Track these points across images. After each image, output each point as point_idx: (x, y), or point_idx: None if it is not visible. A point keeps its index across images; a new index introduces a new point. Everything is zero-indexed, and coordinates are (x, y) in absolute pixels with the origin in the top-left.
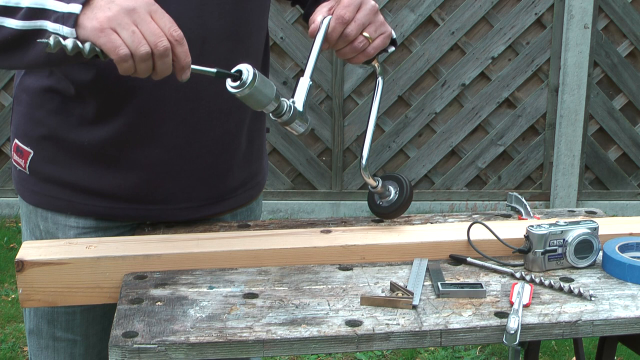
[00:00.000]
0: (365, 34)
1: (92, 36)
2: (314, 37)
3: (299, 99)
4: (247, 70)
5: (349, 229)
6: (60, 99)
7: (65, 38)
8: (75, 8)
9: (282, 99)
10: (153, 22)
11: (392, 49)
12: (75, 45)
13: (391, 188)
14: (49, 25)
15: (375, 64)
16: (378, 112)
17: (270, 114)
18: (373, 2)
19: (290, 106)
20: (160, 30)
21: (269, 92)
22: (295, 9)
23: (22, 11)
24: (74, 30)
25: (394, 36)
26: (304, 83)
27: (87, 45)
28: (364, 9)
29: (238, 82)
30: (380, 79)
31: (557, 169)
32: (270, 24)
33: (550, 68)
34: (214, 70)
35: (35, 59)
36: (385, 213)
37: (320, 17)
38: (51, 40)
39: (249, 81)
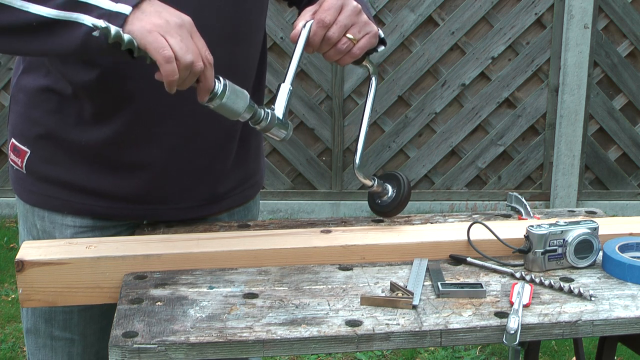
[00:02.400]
0: (349, 35)
1: (140, 35)
2: (295, 42)
3: (279, 106)
4: (217, 82)
5: (349, 229)
6: (57, 99)
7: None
8: (125, 9)
9: (261, 107)
10: (193, 41)
11: (382, 47)
12: (117, 34)
13: (388, 186)
14: (86, 19)
15: (367, 64)
16: (371, 112)
17: (249, 122)
18: (355, 3)
19: (268, 113)
20: (198, 51)
21: (241, 103)
22: (295, 9)
23: (58, 0)
24: (120, 30)
25: (382, 35)
26: (285, 89)
27: (127, 37)
28: (346, 11)
29: (209, 94)
30: (373, 79)
31: (557, 169)
32: (270, 24)
33: (550, 68)
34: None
35: (57, 48)
36: (384, 211)
37: (302, 23)
38: (100, 25)
39: (219, 92)
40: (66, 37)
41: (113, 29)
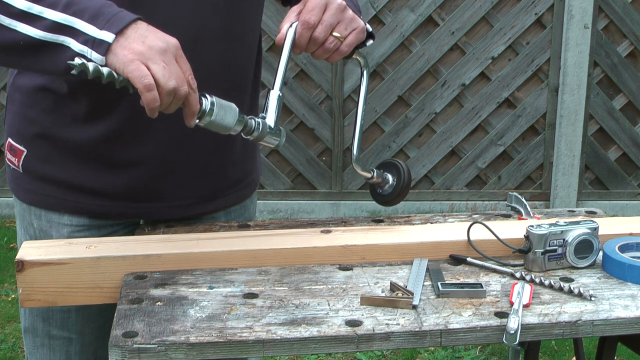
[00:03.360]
0: (335, 33)
1: (121, 64)
2: (281, 45)
3: (270, 114)
4: (204, 99)
5: (349, 229)
6: (53, 98)
7: (89, 60)
8: (109, 37)
9: (251, 117)
10: (177, 65)
11: (371, 42)
12: (96, 69)
13: (388, 175)
14: (73, 44)
15: (357, 57)
16: (365, 104)
17: (241, 134)
18: (340, 0)
19: (259, 123)
20: (183, 75)
21: (231, 117)
22: None
23: (46, 22)
24: (104, 58)
25: (370, 29)
26: (274, 96)
27: (106, 70)
28: (331, 9)
29: (196, 116)
30: (365, 72)
31: (557, 169)
32: (270, 24)
33: (550, 68)
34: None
35: (47, 68)
36: (387, 200)
37: (287, 25)
38: (77, 62)
39: (207, 110)
40: (54, 60)
41: (91, 65)
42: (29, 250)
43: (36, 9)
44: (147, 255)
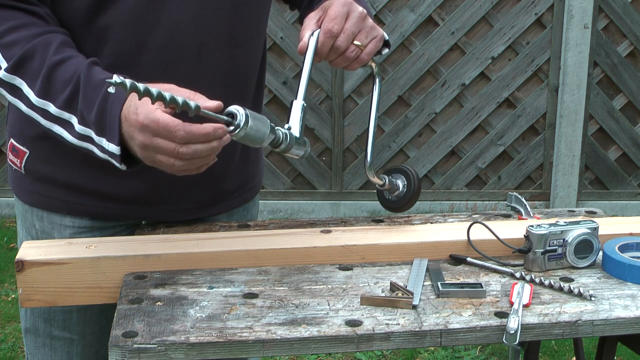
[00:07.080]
0: (356, 42)
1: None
2: (303, 54)
3: (295, 124)
4: (238, 112)
5: (349, 229)
6: None
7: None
8: (116, 149)
9: (277, 128)
10: (164, 143)
11: (386, 50)
12: (133, 86)
13: (398, 182)
14: (96, 151)
15: (372, 64)
16: (377, 111)
17: (268, 146)
18: (361, 9)
19: (286, 134)
20: (169, 150)
21: (264, 128)
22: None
23: (74, 131)
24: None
25: (387, 38)
26: (298, 106)
27: (142, 86)
28: (352, 17)
29: (232, 127)
30: (377, 79)
31: (557, 169)
32: (270, 23)
33: (550, 68)
34: (224, 117)
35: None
36: (397, 207)
37: (308, 33)
38: (115, 80)
39: (242, 123)
40: (88, 153)
41: (128, 82)
42: (29, 250)
43: (66, 116)
44: (147, 255)
